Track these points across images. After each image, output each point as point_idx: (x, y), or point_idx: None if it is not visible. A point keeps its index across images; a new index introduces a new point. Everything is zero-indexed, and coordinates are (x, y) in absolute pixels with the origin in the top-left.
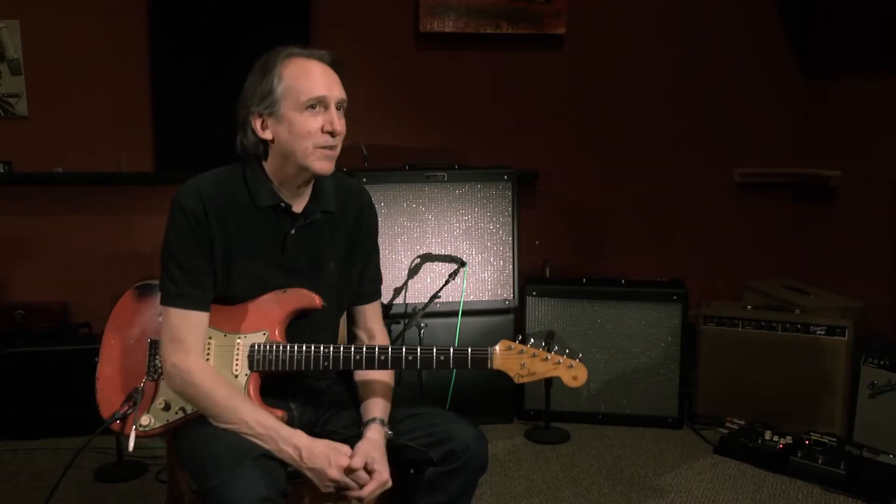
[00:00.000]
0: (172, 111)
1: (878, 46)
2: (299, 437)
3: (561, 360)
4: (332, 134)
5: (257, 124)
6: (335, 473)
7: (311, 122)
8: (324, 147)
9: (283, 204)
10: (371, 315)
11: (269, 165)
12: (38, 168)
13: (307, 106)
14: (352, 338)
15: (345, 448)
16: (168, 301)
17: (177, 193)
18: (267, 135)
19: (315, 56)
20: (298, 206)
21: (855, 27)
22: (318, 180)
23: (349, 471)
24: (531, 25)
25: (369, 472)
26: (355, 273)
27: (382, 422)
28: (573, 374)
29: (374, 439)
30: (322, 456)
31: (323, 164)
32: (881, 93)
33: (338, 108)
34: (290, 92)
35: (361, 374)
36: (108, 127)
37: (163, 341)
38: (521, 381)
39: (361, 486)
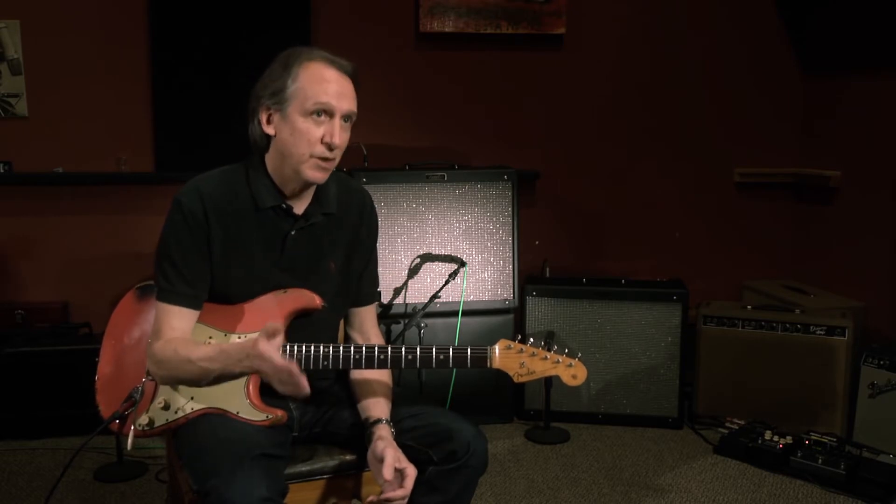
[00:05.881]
0: (173, 111)
1: (879, 46)
2: (222, 355)
3: (560, 359)
4: (331, 147)
5: (264, 117)
6: (269, 362)
7: (314, 130)
8: (320, 157)
9: (284, 205)
10: (367, 317)
11: (269, 161)
12: (38, 168)
13: (312, 112)
14: (347, 340)
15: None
16: (160, 297)
17: (179, 192)
18: (270, 130)
19: (336, 65)
20: (300, 208)
21: (855, 27)
22: None
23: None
24: (531, 25)
25: (400, 470)
26: (354, 275)
27: (388, 422)
28: (572, 372)
29: (389, 438)
30: (245, 357)
31: (315, 174)
32: (881, 93)
33: (345, 121)
34: (300, 94)
35: (360, 375)
36: (108, 127)
37: (150, 337)
38: (521, 380)
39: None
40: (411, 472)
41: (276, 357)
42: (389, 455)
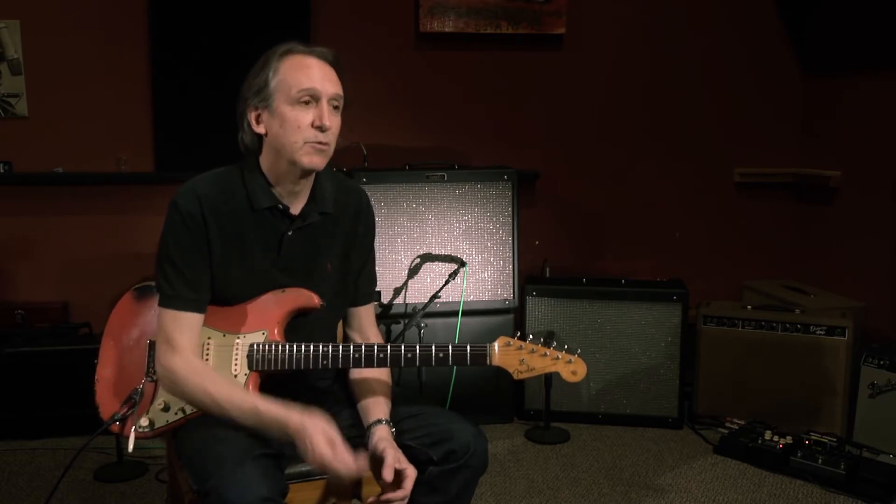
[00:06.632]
0: (173, 111)
1: (879, 46)
2: (275, 421)
3: (560, 356)
4: (322, 129)
5: (252, 118)
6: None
7: (302, 117)
8: (313, 143)
9: (280, 206)
10: (366, 317)
11: (264, 162)
12: (38, 168)
13: (298, 99)
14: (346, 340)
15: (319, 429)
16: (163, 302)
17: (175, 194)
18: (260, 129)
19: (314, 53)
20: (296, 208)
21: (855, 27)
22: (317, 181)
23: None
24: (531, 25)
25: (399, 471)
26: (352, 274)
27: (388, 422)
28: (572, 368)
29: (389, 439)
30: (303, 440)
31: (312, 159)
32: (881, 93)
33: (334, 107)
34: (283, 85)
35: (360, 374)
36: (108, 127)
37: (157, 343)
38: (521, 376)
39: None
40: (411, 472)
41: (341, 465)
42: (389, 456)
